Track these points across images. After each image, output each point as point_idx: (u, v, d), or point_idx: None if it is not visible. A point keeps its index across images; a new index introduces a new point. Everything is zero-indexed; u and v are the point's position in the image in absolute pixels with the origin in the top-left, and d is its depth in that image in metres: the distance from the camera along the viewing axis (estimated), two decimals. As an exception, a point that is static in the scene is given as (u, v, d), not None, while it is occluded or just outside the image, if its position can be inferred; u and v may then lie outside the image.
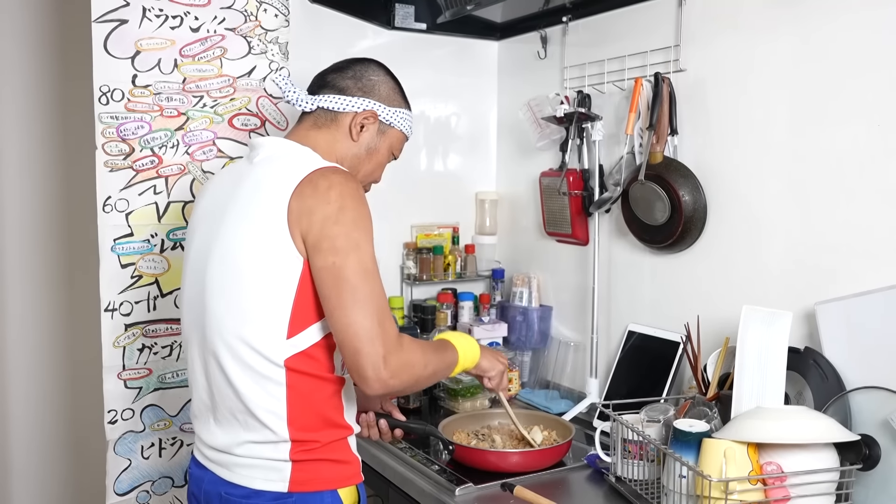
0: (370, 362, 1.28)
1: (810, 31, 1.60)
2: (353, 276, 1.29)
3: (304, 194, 1.32)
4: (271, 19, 2.01)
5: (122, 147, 1.88)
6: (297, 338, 1.34)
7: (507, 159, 2.59)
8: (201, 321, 1.40)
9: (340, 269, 1.29)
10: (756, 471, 1.32)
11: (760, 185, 1.72)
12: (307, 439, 1.37)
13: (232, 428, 1.40)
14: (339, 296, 1.29)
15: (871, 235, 1.50)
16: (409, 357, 1.35)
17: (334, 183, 1.34)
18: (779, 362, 1.48)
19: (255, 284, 1.33)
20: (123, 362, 1.92)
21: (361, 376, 1.29)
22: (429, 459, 1.76)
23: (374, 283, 1.32)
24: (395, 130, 1.58)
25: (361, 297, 1.29)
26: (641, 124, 1.93)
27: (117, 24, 1.84)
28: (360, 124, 1.51)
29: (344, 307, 1.29)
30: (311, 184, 1.33)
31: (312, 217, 1.31)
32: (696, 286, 1.88)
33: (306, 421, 1.37)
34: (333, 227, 1.30)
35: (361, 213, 1.34)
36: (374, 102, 1.52)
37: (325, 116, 1.51)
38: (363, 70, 1.55)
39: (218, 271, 1.38)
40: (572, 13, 2.20)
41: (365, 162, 1.55)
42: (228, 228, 1.38)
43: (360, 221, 1.33)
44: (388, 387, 1.31)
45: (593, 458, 1.71)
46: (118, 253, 1.90)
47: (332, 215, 1.31)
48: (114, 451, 1.92)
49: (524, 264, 2.49)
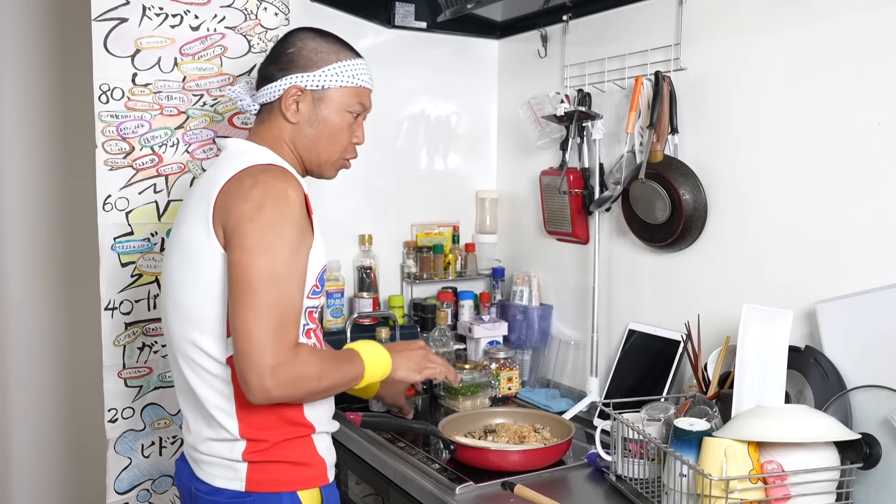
0: (255, 369, 1.24)
1: (811, 30, 1.60)
2: (256, 279, 1.25)
3: (229, 192, 1.31)
4: (271, 18, 2.01)
5: (123, 146, 1.87)
6: None
7: (507, 158, 2.59)
8: (166, 321, 1.44)
9: (245, 268, 1.26)
10: (757, 469, 1.32)
11: (761, 184, 1.72)
12: (260, 437, 1.36)
13: (196, 425, 1.41)
14: (238, 295, 1.26)
15: (871, 234, 1.50)
16: (302, 370, 1.29)
17: (259, 181, 1.31)
18: (779, 361, 1.48)
19: (191, 284, 1.34)
20: (123, 361, 1.92)
21: (244, 381, 1.25)
22: (429, 458, 1.76)
23: (280, 288, 1.27)
24: (335, 90, 1.46)
25: (261, 302, 1.25)
26: (642, 123, 1.93)
27: (117, 23, 1.84)
28: (290, 106, 1.45)
29: (241, 308, 1.25)
30: (238, 181, 1.32)
31: (230, 213, 1.29)
32: (697, 285, 1.88)
33: (258, 419, 1.36)
34: (247, 224, 1.27)
35: (282, 215, 1.29)
36: (293, 76, 1.44)
37: (265, 110, 1.49)
38: (281, 48, 1.48)
39: (168, 273, 1.41)
40: (573, 12, 2.20)
41: (320, 138, 1.48)
42: (178, 230, 1.41)
43: (277, 224, 1.28)
44: (270, 397, 1.26)
45: (594, 457, 1.71)
46: (118, 252, 1.90)
47: (247, 213, 1.28)
48: (114, 449, 1.92)
49: (524, 263, 2.49)
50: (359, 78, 1.49)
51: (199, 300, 1.34)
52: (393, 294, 2.46)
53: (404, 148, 2.52)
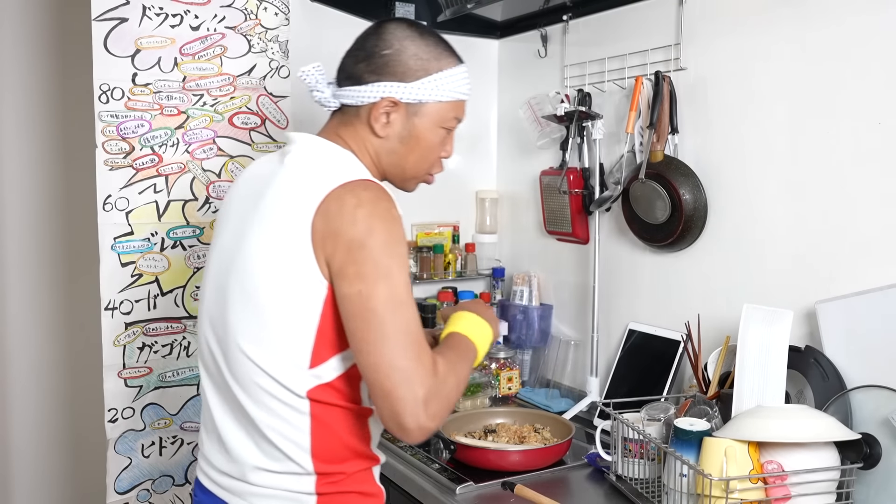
0: (408, 409, 1.12)
1: (811, 30, 1.60)
2: (382, 308, 1.13)
3: (330, 213, 1.16)
4: (271, 18, 2.01)
5: (123, 145, 1.87)
6: (320, 368, 1.20)
7: (507, 158, 2.59)
8: (223, 339, 1.26)
9: (367, 298, 1.13)
10: (757, 469, 1.32)
11: (761, 184, 1.72)
12: (333, 471, 1.24)
13: (245, 453, 1.25)
14: (366, 329, 1.14)
15: (871, 234, 1.50)
16: (447, 388, 1.18)
17: (363, 201, 1.17)
18: (779, 361, 1.48)
19: (276, 310, 1.19)
20: (124, 361, 1.92)
21: (398, 424, 1.13)
22: (429, 458, 1.76)
23: (406, 314, 1.15)
24: (432, 104, 1.30)
25: (392, 331, 1.13)
26: (642, 123, 1.93)
27: (117, 23, 1.84)
28: (379, 118, 1.28)
29: (372, 343, 1.13)
30: (338, 201, 1.16)
31: (338, 240, 1.15)
32: (697, 285, 1.88)
33: (332, 452, 1.24)
34: (360, 251, 1.14)
35: (394, 236, 1.18)
36: (390, 85, 1.26)
37: (349, 113, 1.31)
38: (376, 45, 1.28)
39: (239, 289, 1.23)
40: (573, 12, 2.20)
41: (406, 155, 1.33)
42: (251, 241, 1.22)
43: (391, 246, 1.17)
44: (428, 433, 1.15)
45: (594, 457, 1.71)
46: (118, 251, 1.90)
47: (358, 238, 1.15)
48: (114, 449, 1.92)
49: (524, 263, 2.49)
50: (459, 90, 1.32)
51: (285, 329, 1.19)
52: (393, 294, 2.45)
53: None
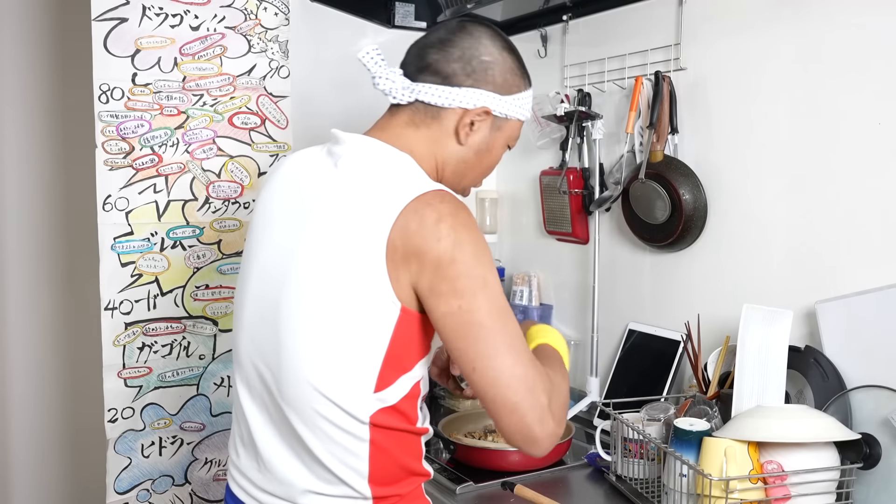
0: (535, 418, 1.07)
1: (811, 30, 1.60)
2: (488, 319, 1.09)
3: (410, 230, 1.09)
4: (271, 18, 2.01)
5: (122, 145, 1.87)
6: (386, 392, 1.14)
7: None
8: (272, 357, 1.19)
9: (469, 312, 1.08)
10: (757, 469, 1.32)
11: (761, 184, 1.72)
12: (389, 494, 1.20)
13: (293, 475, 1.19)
14: (476, 345, 1.08)
15: (871, 234, 1.50)
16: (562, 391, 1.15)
17: (444, 214, 1.10)
18: (779, 361, 1.48)
19: (343, 335, 1.13)
20: (123, 361, 1.92)
21: (528, 437, 1.08)
22: (429, 458, 1.76)
23: (512, 321, 1.11)
24: (513, 122, 1.28)
25: (503, 341, 1.08)
26: (642, 123, 1.93)
27: (117, 23, 1.84)
28: (469, 124, 1.23)
29: (488, 357, 1.08)
30: (417, 215, 1.09)
31: (424, 259, 1.09)
32: (697, 285, 1.88)
33: (389, 476, 1.19)
34: (450, 267, 1.09)
35: (480, 244, 1.12)
36: (487, 94, 1.22)
37: (424, 111, 1.23)
38: (473, 48, 1.22)
39: (296, 305, 1.15)
40: (573, 12, 2.20)
41: (474, 166, 1.29)
42: (311, 253, 1.15)
43: (480, 255, 1.11)
44: (556, 441, 1.11)
45: (594, 457, 1.71)
46: (118, 251, 1.90)
47: (447, 254, 1.09)
48: (114, 449, 1.92)
49: (524, 263, 2.49)
50: (529, 112, 1.32)
51: (352, 354, 1.13)
52: (393, 294, 2.45)
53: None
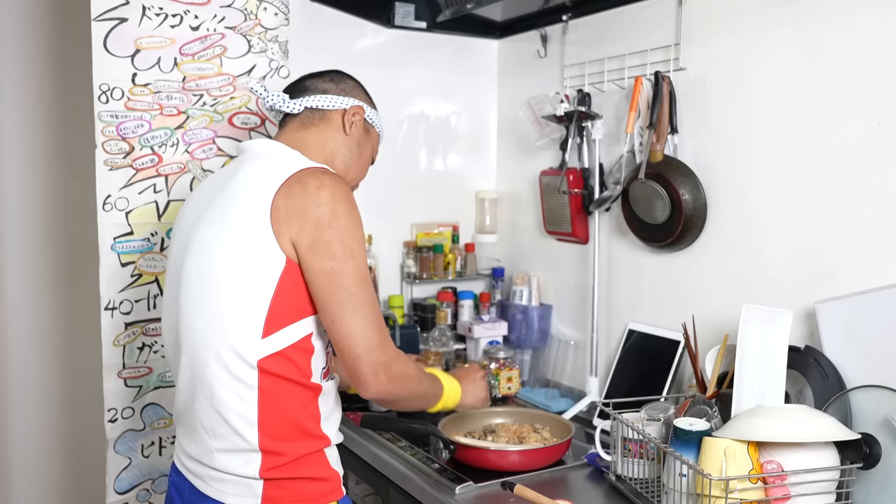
0: (370, 367, 1.32)
1: (810, 30, 1.60)
2: (352, 284, 1.30)
3: (293, 192, 1.30)
4: (271, 18, 2.01)
5: (122, 146, 1.87)
6: (273, 338, 1.31)
7: (507, 158, 2.59)
8: (175, 322, 1.39)
9: (340, 275, 1.30)
10: (756, 469, 1.32)
11: (760, 184, 1.72)
12: (278, 451, 1.33)
13: (205, 436, 1.36)
14: (339, 303, 1.30)
15: (871, 234, 1.50)
16: (407, 368, 1.40)
17: (325, 184, 1.32)
18: (779, 361, 1.48)
19: (232, 281, 1.31)
20: (123, 361, 1.92)
21: (360, 380, 1.33)
22: (429, 458, 1.76)
23: (370, 290, 1.34)
24: (375, 132, 1.61)
25: (361, 304, 1.31)
26: (641, 123, 1.93)
27: (117, 23, 1.84)
28: (351, 120, 1.52)
29: (344, 315, 1.30)
30: (300, 182, 1.31)
31: (304, 218, 1.29)
32: (697, 285, 1.88)
33: (278, 429, 1.33)
34: (327, 230, 1.29)
35: (354, 218, 1.33)
36: (358, 101, 1.55)
37: (313, 115, 1.51)
38: (339, 76, 1.57)
39: (194, 269, 1.35)
40: (572, 12, 2.20)
41: (357, 159, 1.56)
42: (206, 226, 1.36)
43: (354, 228, 1.33)
44: (386, 391, 1.35)
45: (593, 457, 1.71)
46: (118, 251, 1.90)
47: (324, 218, 1.29)
48: (114, 449, 1.92)
49: (524, 263, 2.49)
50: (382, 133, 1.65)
51: (243, 304, 1.30)
52: (393, 294, 2.46)
53: (404, 148, 2.52)
